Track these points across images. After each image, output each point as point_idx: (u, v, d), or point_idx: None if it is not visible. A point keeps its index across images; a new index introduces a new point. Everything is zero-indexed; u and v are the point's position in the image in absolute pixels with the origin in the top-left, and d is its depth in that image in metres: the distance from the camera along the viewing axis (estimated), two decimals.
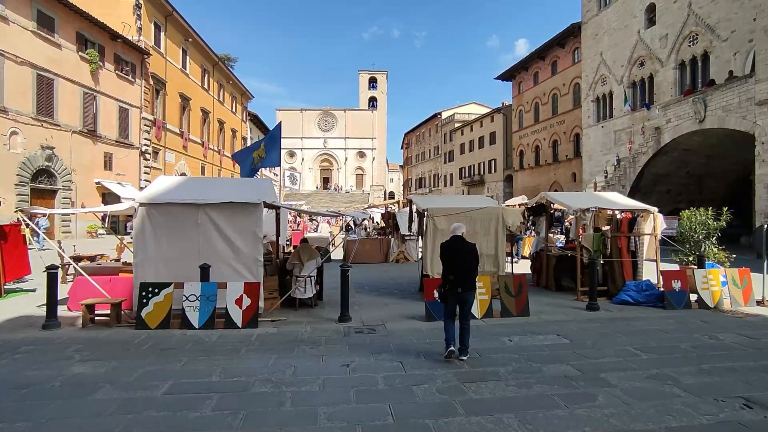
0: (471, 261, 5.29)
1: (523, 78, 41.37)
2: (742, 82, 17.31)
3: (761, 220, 14.96)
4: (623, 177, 23.47)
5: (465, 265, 5.25)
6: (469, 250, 5.31)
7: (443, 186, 60.18)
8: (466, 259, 5.25)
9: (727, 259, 9.58)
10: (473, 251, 5.33)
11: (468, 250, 5.30)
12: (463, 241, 5.35)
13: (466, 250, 5.29)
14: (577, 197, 10.25)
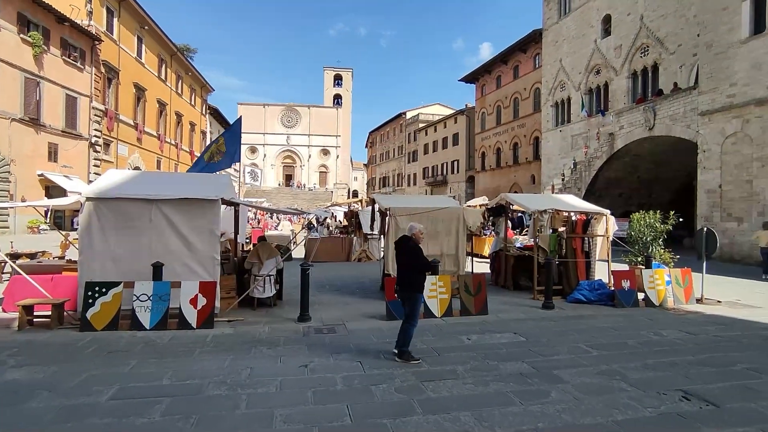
0: (409, 261, 5.24)
1: (486, 81, 42.29)
2: (687, 93, 18.43)
3: (702, 224, 15.97)
4: (579, 180, 24.46)
5: (402, 265, 5.29)
6: (408, 250, 5.25)
7: (407, 185, 60.64)
8: (404, 260, 5.27)
9: (671, 260, 10.15)
10: (413, 251, 5.24)
11: (406, 250, 5.26)
12: (407, 240, 5.34)
13: (405, 250, 5.27)
14: (535, 199, 10.58)
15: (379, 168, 72.66)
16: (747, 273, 12.96)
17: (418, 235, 5.36)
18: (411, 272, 5.24)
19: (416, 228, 5.40)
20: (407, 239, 5.36)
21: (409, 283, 5.25)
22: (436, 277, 7.44)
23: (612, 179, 23.86)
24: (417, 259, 5.23)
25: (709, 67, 16.63)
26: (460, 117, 47.95)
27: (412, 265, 5.24)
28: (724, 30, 16.00)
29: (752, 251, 14.55)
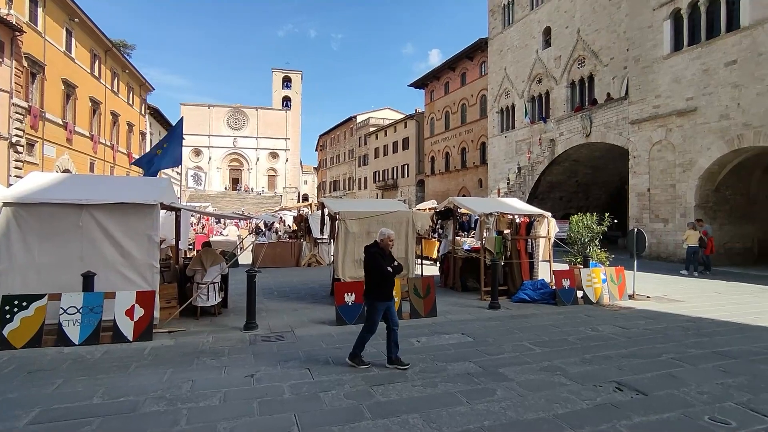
0: (366, 267, 5.24)
1: (435, 87, 43.25)
2: (619, 103, 19.79)
3: (633, 225, 17.18)
4: (523, 184, 25.55)
5: (364, 272, 5.29)
6: (368, 256, 5.23)
7: (358, 189, 60.66)
8: (365, 266, 5.27)
9: (607, 259, 10.82)
10: (370, 257, 5.19)
11: (366, 256, 5.26)
12: (371, 246, 5.33)
13: (366, 256, 5.28)
14: (482, 202, 10.93)
15: (330, 171, 72.16)
16: (672, 269, 14.07)
17: (386, 242, 5.21)
18: (368, 278, 5.19)
19: (385, 234, 5.25)
20: (372, 245, 5.28)
21: (367, 290, 5.22)
22: None
23: (553, 183, 25.12)
24: (372, 265, 5.13)
25: (637, 79, 17.95)
26: (410, 122, 48.68)
27: (367, 269, 5.20)
28: (649, 46, 17.35)
29: (676, 249, 15.82)
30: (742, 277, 12.74)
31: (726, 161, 15.22)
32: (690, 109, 15.71)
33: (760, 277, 12.72)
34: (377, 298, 5.11)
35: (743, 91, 14.11)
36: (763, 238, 16.81)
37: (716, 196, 15.90)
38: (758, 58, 13.73)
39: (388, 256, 5.23)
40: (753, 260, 16.14)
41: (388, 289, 5.14)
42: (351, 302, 7.24)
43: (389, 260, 5.22)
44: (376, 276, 5.11)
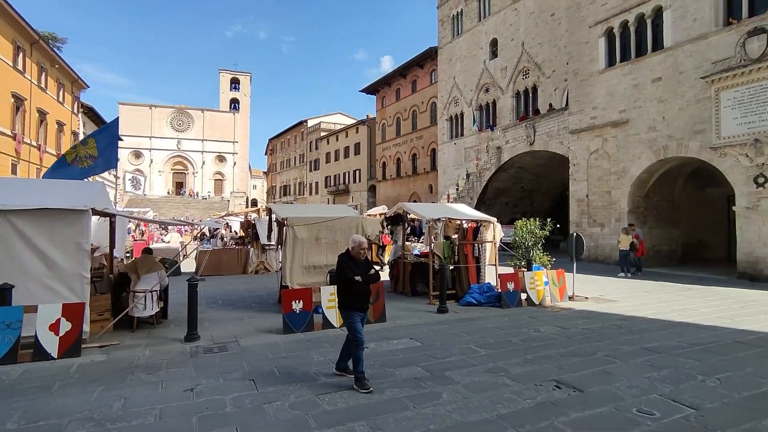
0: (336, 275, 5.03)
1: (386, 93, 43.70)
2: (560, 113, 20.89)
3: (573, 229, 18.15)
4: (471, 190, 26.30)
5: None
6: (337, 264, 5.03)
7: (309, 194, 60.00)
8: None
9: (549, 262, 11.34)
10: (338, 264, 4.98)
11: (337, 264, 5.06)
12: (342, 254, 5.09)
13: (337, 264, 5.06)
14: (431, 208, 11.13)
15: (280, 176, 70.90)
16: (608, 271, 14.97)
17: (357, 249, 4.91)
18: (338, 288, 4.97)
19: (355, 241, 4.95)
20: (344, 253, 5.01)
21: (339, 301, 4.98)
22: (334, 287, 7.41)
23: (500, 189, 26.05)
24: (338, 274, 4.89)
25: (576, 91, 19.05)
26: (361, 127, 48.85)
27: (337, 280, 4.96)
28: (587, 61, 18.49)
29: (612, 252, 16.85)
30: (668, 277, 13.78)
31: (654, 170, 16.44)
32: (623, 120, 16.86)
33: (683, 276, 13.81)
34: (348, 308, 4.85)
35: (667, 105, 15.34)
36: (686, 241, 18.29)
37: (646, 202, 17.13)
38: (679, 77, 14.99)
39: (362, 264, 4.91)
40: (677, 261, 17.50)
41: (358, 299, 4.85)
42: (299, 310, 7.12)
43: (363, 268, 4.89)
44: (343, 285, 4.87)
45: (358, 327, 4.83)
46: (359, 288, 4.82)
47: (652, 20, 16.08)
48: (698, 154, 14.50)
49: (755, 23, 12.98)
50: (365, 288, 4.92)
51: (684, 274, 14.26)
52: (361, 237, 5.04)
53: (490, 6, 28.75)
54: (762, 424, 3.91)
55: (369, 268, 4.97)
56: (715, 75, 13.71)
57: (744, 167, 13.24)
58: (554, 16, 24.11)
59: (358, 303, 4.87)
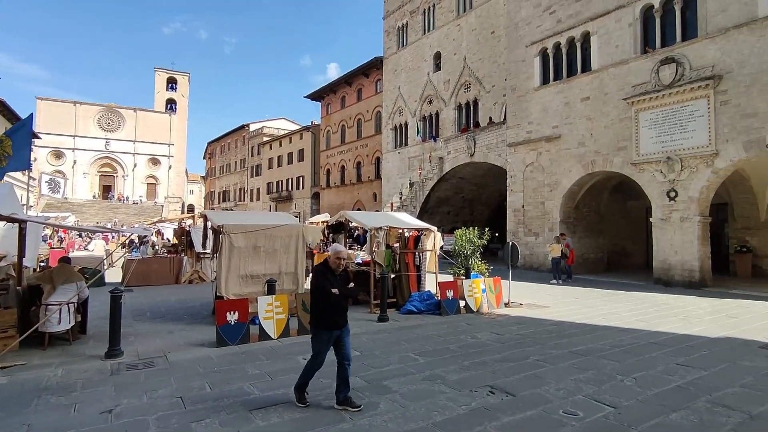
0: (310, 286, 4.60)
1: (331, 100, 43.59)
2: (498, 127, 21.87)
3: (510, 238, 18.97)
4: (414, 199, 26.78)
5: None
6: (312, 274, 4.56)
7: (250, 200, 58.34)
8: None
9: (486, 270, 11.74)
10: (313, 275, 4.51)
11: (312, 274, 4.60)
12: (317, 264, 4.67)
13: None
14: (372, 217, 11.20)
15: (219, 181, 68.39)
16: (542, 278, 15.77)
17: (335, 259, 4.47)
18: (311, 301, 4.51)
19: (334, 249, 4.51)
20: (321, 263, 4.56)
21: (311, 316, 4.55)
22: (272, 297, 7.24)
23: (442, 198, 26.73)
24: (313, 285, 4.43)
25: (513, 106, 20.05)
26: (305, 133, 48.32)
27: (311, 292, 4.50)
28: (524, 78, 19.53)
29: (546, 260, 17.77)
30: (595, 283, 14.76)
31: (583, 182, 17.61)
32: (556, 136, 17.94)
33: (608, 282, 14.85)
34: (319, 325, 4.41)
35: (595, 123, 16.53)
36: (611, 250, 19.71)
37: (576, 212, 18.28)
38: (604, 97, 16.24)
39: (340, 277, 4.50)
40: (603, 268, 18.79)
41: (334, 314, 4.39)
42: (234, 321, 6.86)
43: (341, 281, 4.48)
44: (318, 298, 4.39)
45: (323, 357, 4.47)
46: (335, 301, 4.37)
47: (582, 44, 17.32)
48: (621, 168, 15.72)
49: (666, 53, 14.37)
50: (343, 302, 4.47)
51: (609, 281, 15.33)
52: (340, 246, 4.63)
53: (434, 20, 29.65)
54: (670, 417, 4.26)
55: (348, 281, 4.59)
56: (634, 97, 14.98)
57: (659, 182, 14.52)
58: (494, 34, 25.29)
59: (333, 318, 4.38)
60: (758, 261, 15.94)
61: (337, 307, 4.41)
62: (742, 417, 4.29)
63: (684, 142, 13.88)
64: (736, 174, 14.78)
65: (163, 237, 19.29)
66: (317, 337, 4.45)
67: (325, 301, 4.36)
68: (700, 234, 13.68)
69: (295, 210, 47.00)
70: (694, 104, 13.64)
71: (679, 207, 14.01)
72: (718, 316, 9.26)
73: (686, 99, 13.80)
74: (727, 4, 13.11)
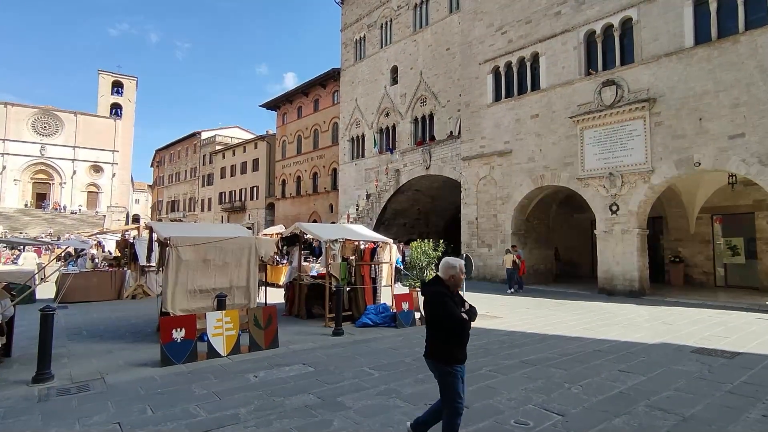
0: (428, 314, 3.72)
1: (287, 110, 43.15)
2: (453, 141, 22.42)
3: (464, 250, 19.40)
4: (371, 210, 26.84)
5: (425, 321, 3.81)
6: (429, 299, 3.71)
7: (200, 211, 56.43)
8: (426, 311, 3.75)
9: None
10: (433, 299, 3.66)
11: (427, 298, 3.74)
12: (431, 283, 3.80)
13: (426, 298, 3.77)
14: (328, 229, 11.11)
15: (168, 190, 65.70)
16: (495, 289, 16.17)
17: (458, 277, 3.68)
18: (433, 330, 3.71)
19: (453, 266, 3.68)
20: (434, 281, 3.74)
21: (432, 349, 3.69)
22: (222, 312, 6.98)
23: (398, 210, 26.96)
24: (441, 311, 3.55)
25: (468, 121, 20.64)
26: (260, 143, 47.48)
27: (430, 321, 3.71)
28: (477, 94, 20.19)
29: (498, 271, 18.28)
30: (545, 293, 15.30)
31: (533, 196, 18.32)
32: (507, 151, 18.61)
33: (557, 293, 15.44)
34: (457, 360, 3.61)
35: (543, 139, 17.31)
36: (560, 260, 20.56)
37: (527, 225, 18.97)
38: (552, 114, 17.06)
39: (458, 299, 3.70)
40: (553, 279, 19.56)
41: (464, 346, 3.67)
42: (180, 338, 6.54)
43: (461, 303, 3.72)
44: (448, 328, 3.56)
45: (462, 389, 3.66)
46: (467, 330, 3.62)
47: (531, 64, 18.15)
48: (568, 183, 16.51)
49: (608, 76, 15.35)
50: (468, 330, 3.67)
51: (558, 291, 15.94)
52: (457, 260, 3.75)
53: (391, 35, 30.15)
54: (613, 423, 4.45)
55: (463, 301, 3.78)
56: (579, 116, 15.84)
57: (602, 196, 15.37)
58: (449, 51, 26.04)
59: (464, 350, 3.68)
60: (689, 270, 17.16)
61: (467, 336, 3.68)
62: (676, 419, 4.55)
63: (624, 159, 14.80)
64: (669, 190, 15.89)
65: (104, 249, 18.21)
66: (452, 376, 3.61)
67: (461, 333, 3.58)
68: (639, 245, 14.56)
69: (249, 221, 45.87)
70: (633, 124, 14.60)
71: (621, 220, 14.87)
72: (655, 323, 9.84)
73: (625, 119, 14.75)
74: (658, 34, 14.22)
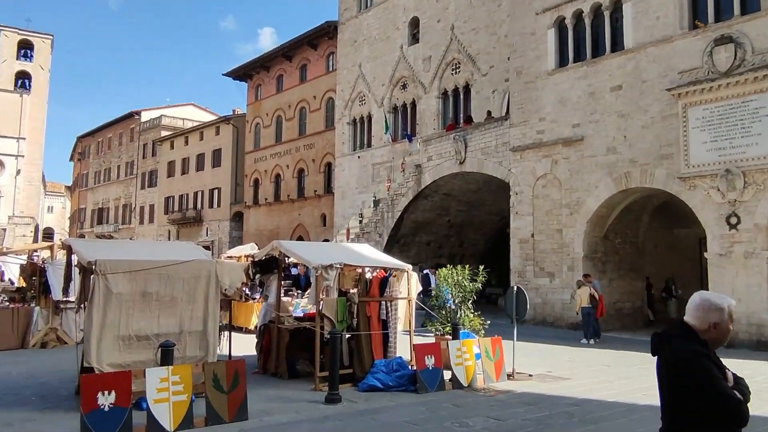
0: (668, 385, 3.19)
1: (262, 80, 43.72)
2: (499, 124, 22.49)
3: (515, 280, 19.33)
4: (380, 223, 26.89)
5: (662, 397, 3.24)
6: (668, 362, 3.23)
7: (139, 223, 57.13)
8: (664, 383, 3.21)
9: (482, 327, 11.86)
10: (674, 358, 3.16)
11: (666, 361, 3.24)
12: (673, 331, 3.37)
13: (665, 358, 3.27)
14: (320, 249, 11.19)
15: (94, 194, 66.75)
16: (559, 337, 16.05)
17: (725, 328, 3.20)
18: (678, 416, 3.22)
19: (714, 305, 3.19)
20: (678, 333, 3.35)
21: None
22: (168, 369, 7.03)
23: (420, 223, 26.98)
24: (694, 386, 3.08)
25: (520, 96, 20.72)
26: (224, 126, 48.09)
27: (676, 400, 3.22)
28: (533, 57, 20.28)
29: (564, 311, 18.18)
30: (631, 344, 15.15)
31: (614, 203, 18.26)
32: (576, 137, 18.60)
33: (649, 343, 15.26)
34: None
35: (629, 121, 17.28)
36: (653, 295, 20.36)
37: (605, 244, 18.88)
38: (642, 86, 17.04)
39: (718, 362, 3.29)
40: (644, 322, 19.37)
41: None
42: (109, 405, 6.59)
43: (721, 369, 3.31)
44: (722, 412, 3.12)
45: None
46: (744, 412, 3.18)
47: (611, 13, 18.22)
48: (665, 185, 16.41)
49: (722, 30, 15.32)
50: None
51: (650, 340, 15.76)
52: (724, 298, 3.32)
53: None
54: None
55: (722, 365, 3.37)
56: (681, 87, 15.81)
57: (716, 204, 15.24)
58: None
59: None
60: None
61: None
62: None
63: (747, 149, 14.70)
64: None
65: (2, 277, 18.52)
66: None
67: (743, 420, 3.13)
68: None
69: (207, 237, 46.29)
70: (759, 99, 14.52)
71: (743, 238, 14.72)
72: None
73: (749, 92, 14.69)
74: None
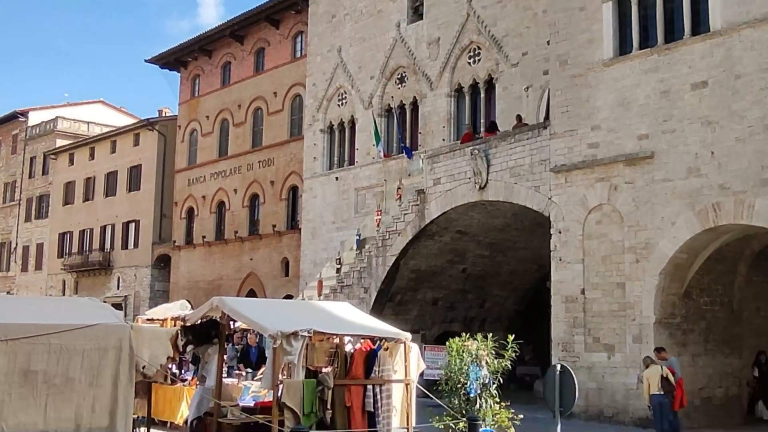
0: None
1: (203, 69, 43.95)
2: (535, 134, 22.42)
3: (558, 356, 19.09)
4: (367, 273, 26.59)
5: None
6: None
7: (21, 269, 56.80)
8: None
9: (511, 423, 11.69)
10: None
11: None
12: None
13: None
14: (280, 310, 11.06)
15: None
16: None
17: None
18: None
19: None
20: None
21: None
22: None
23: (423, 272, 26.70)
24: None
25: (564, 95, 20.75)
26: (146, 133, 48.18)
27: None
28: (583, 41, 20.39)
29: (629, 401, 17.94)
30: None
31: (699, 247, 18.18)
32: (644, 154, 18.60)
33: None
34: None
35: (718, 131, 17.32)
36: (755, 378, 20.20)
37: (687, 305, 18.72)
38: (735, 82, 17.17)
39: None
40: (742, 416, 19.16)
41: None
42: None
43: None
44: None
45: None
46: None
47: None
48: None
49: None
50: None
51: None
52: None
53: None
54: None
55: None
56: None
57: None
58: None
59: None
60: None
61: None
62: None
63: None
64: None
65: None
66: None
67: None
68: None
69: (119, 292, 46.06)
70: None
71: None
72: None
73: None
74: None
